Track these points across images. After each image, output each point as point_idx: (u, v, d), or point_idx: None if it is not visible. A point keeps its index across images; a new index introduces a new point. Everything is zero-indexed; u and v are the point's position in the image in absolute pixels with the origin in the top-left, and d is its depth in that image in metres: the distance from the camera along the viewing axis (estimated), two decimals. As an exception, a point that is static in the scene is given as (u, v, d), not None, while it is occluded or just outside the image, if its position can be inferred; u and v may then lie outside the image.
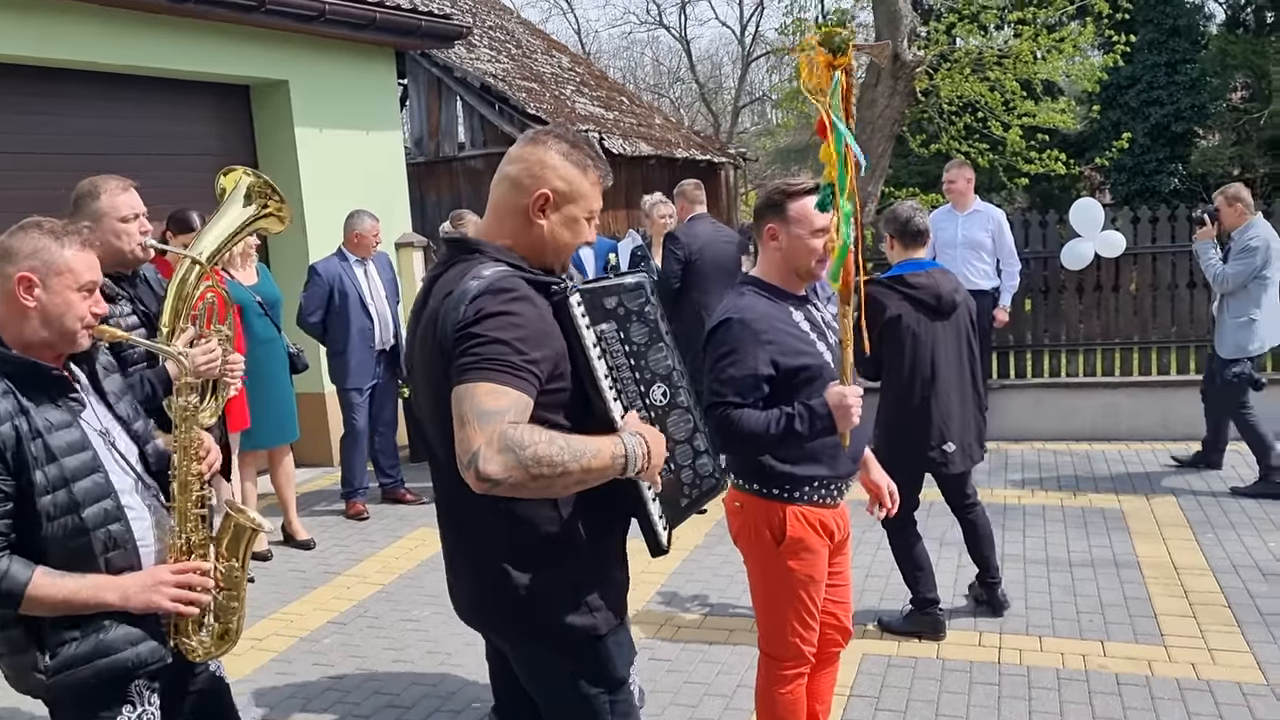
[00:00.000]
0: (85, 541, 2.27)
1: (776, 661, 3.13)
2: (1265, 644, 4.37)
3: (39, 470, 2.21)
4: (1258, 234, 6.34)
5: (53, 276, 2.29)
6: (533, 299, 2.11)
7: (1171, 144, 19.39)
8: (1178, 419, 7.40)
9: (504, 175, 2.26)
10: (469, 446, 1.95)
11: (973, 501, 4.82)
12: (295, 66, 8.12)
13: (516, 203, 2.23)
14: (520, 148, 2.27)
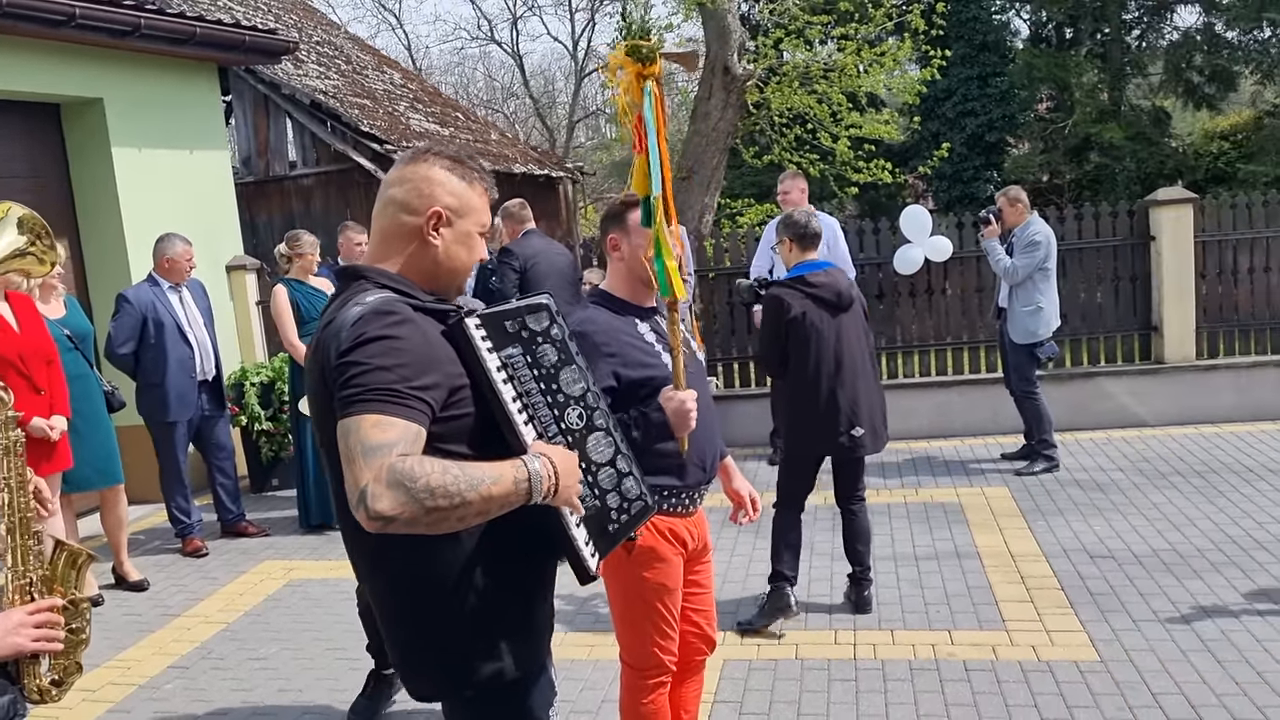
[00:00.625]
0: None
1: (638, 672, 3.12)
2: (1096, 623, 4.62)
3: None
4: (1039, 229, 7.01)
5: None
6: (417, 322, 1.98)
7: (986, 152, 20.43)
8: (1007, 414, 7.76)
9: (389, 199, 2.13)
10: (357, 484, 1.82)
11: (861, 495, 5.06)
12: (110, 83, 7.71)
13: (407, 224, 2.11)
14: (401, 169, 2.15)
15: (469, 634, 2.06)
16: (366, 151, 12.84)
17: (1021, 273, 6.94)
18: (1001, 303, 7.29)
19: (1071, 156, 21.53)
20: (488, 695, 2.10)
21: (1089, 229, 8.43)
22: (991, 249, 7.12)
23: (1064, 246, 8.30)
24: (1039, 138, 22.24)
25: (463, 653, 2.06)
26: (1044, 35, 22.71)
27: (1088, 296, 8.57)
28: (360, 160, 12.76)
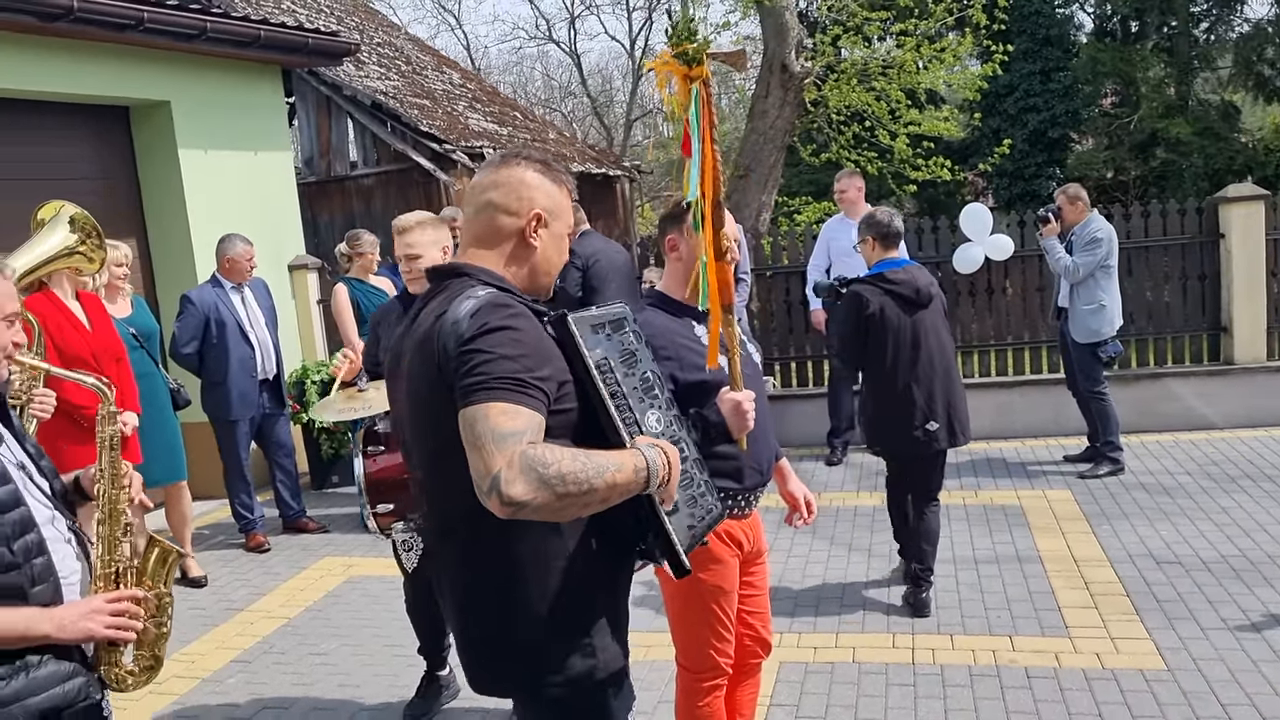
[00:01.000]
0: (15, 576, 2.18)
1: (694, 675, 3.11)
2: (1163, 630, 4.52)
3: None
4: (1100, 226, 6.90)
5: None
6: (530, 316, 2.02)
7: (1049, 149, 20.10)
8: (1070, 415, 7.63)
9: (486, 202, 2.17)
10: (488, 470, 1.84)
11: (936, 496, 5.08)
12: (177, 86, 7.87)
13: (507, 226, 2.16)
14: (493, 173, 2.18)
15: (564, 629, 2.07)
16: (426, 151, 12.97)
17: (1083, 270, 6.82)
18: (1061, 302, 7.15)
19: (1137, 153, 21.09)
20: (575, 693, 2.10)
21: (1155, 227, 8.25)
22: (1051, 247, 7.00)
23: (1130, 245, 8.14)
24: (1103, 133, 21.81)
25: (555, 648, 2.07)
26: (1109, 29, 22.26)
27: (1154, 296, 8.39)
28: (419, 160, 12.89)
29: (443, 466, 1.98)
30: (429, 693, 4.21)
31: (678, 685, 3.18)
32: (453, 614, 2.17)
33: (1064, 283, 7.07)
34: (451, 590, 2.16)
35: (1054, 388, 7.99)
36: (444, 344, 1.96)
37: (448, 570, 2.16)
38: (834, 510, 6.66)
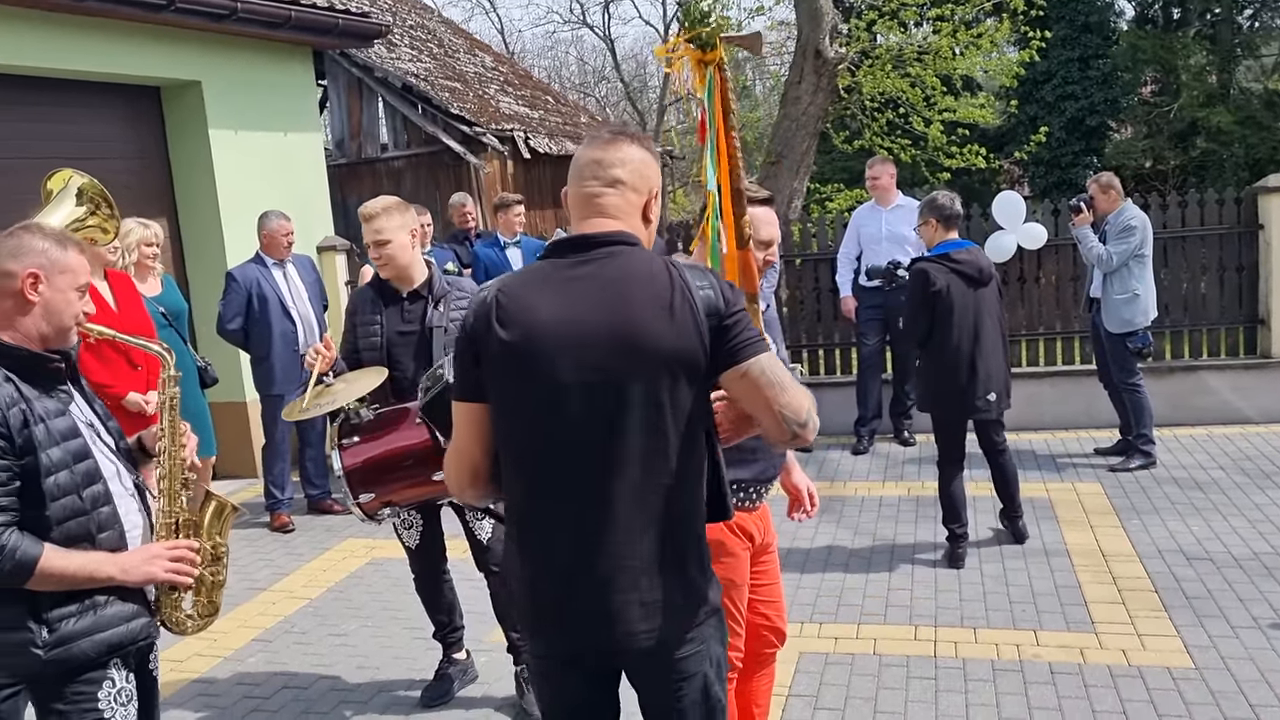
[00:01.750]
0: (85, 521, 2.41)
1: None
2: (1192, 628, 4.44)
3: (44, 452, 2.34)
4: (1134, 215, 6.78)
5: (56, 275, 2.45)
6: None
7: (1086, 137, 19.81)
8: (1101, 407, 7.52)
9: (613, 179, 2.22)
10: (801, 405, 2.12)
11: (1003, 447, 5.52)
12: (208, 67, 7.89)
13: (635, 204, 2.25)
14: (615, 149, 2.24)
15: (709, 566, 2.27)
16: (456, 134, 12.96)
17: (1116, 260, 6.70)
18: (1094, 293, 7.03)
19: (1177, 142, 20.75)
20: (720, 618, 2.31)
21: (1193, 217, 8.10)
22: (1083, 237, 6.87)
23: (1166, 235, 8.00)
24: (1142, 122, 21.47)
25: (709, 584, 2.26)
26: (1150, 15, 21.89)
27: (1191, 287, 8.24)
28: (450, 142, 12.88)
29: (686, 425, 2.14)
30: (446, 676, 4.21)
31: None
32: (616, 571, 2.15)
33: (1096, 273, 6.95)
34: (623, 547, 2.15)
35: (1086, 379, 7.87)
36: (714, 302, 2.13)
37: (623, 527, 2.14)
38: (859, 500, 6.61)
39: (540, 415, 2.11)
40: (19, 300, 2.43)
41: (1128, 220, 6.73)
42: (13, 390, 2.35)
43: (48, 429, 2.36)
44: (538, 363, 2.09)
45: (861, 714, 3.90)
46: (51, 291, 2.45)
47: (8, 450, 2.31)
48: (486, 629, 4.50)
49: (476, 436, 2.21)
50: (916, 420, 8.03)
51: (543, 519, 2.17)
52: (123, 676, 2.49)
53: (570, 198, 2.30)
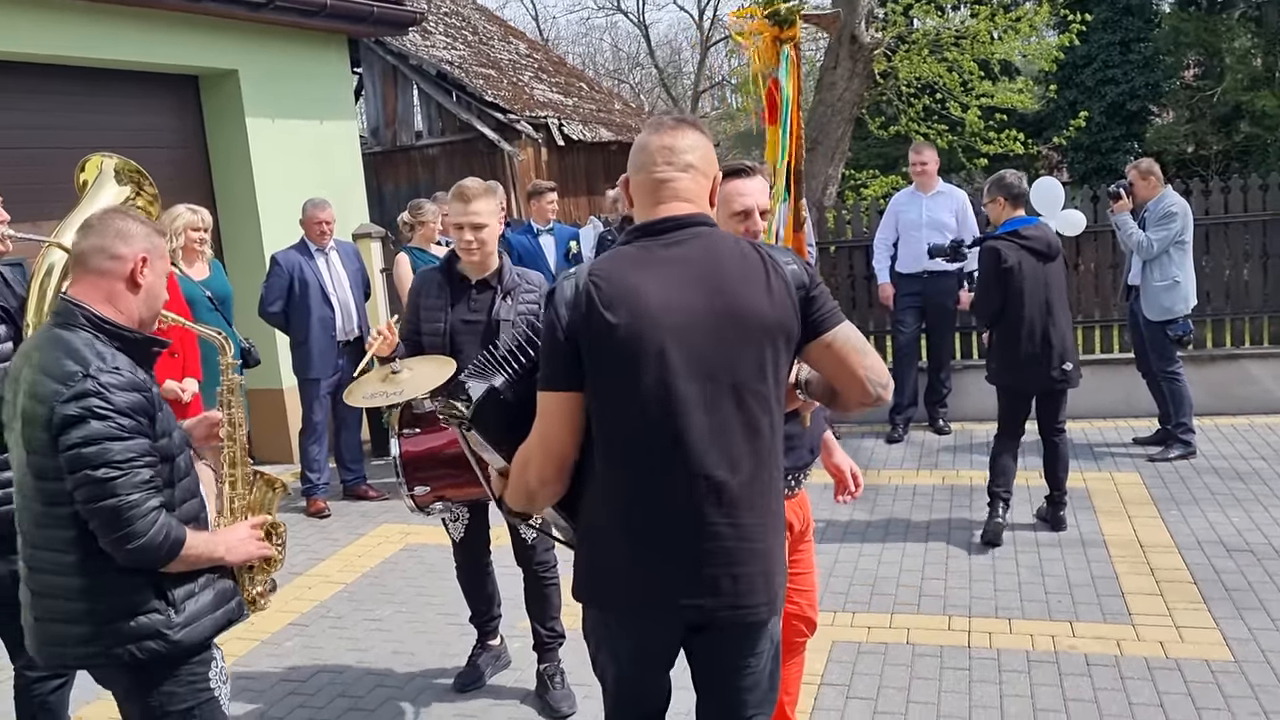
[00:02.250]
0: (196, 501, 2.51)
1: None
2: (1231, 620, 4.39)
3: (172, 434, 2.41)
4: (1174, 201, 6.69)
5: (157, 259, 2.49)
6: None
7: (1127, 122, 19.50)
8: (1140, 396, 7.43)
9: (686, 164, 2.28)
10: (882, 368, 2.30)
11: (1061, 427, 5.61)
12: (245, 55, 7.94)
13: (704, 187, 2.32)
14: (684, 135, 2.29)
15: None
16: (490, 121, 12.98)
17: (1157, 246, 6.61)
18: (1132, 280, 6.94)
19: (1220, 126, 20.38)
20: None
21: (1236, 203, 7.96)
22: (1123, 223, 6.76)
23: (1209, 221, 7.88)
24: (1185, 106, 21.10)
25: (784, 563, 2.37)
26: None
27: (1233, 274, 8.11)
28: (484, 130, 12.90)
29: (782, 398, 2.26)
30: (480, 662, 4.24)
31: None
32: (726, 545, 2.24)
33: (1135, 260, 6.86)
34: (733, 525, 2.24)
35: (1125, 367, 7.78)
36: (799, 276, 2.24)
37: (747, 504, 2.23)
38: (893, 489, 6.57)
39: (651, 395, 2.15)
40: (129, 283, 2.45)
41: (1168, 207, 6.64)
42: (143, 373, 2.40)
43: (165, 412, 2.41)
44: (648, 344, 2.14)
45: (894, 703, 3.88)
46: (154, 276, 2.49)
47: (152, 431, 2.34)
48: (520, 614, 4.52)
49: (570, 426, 2.22)
50: (952, 409, 7.98)
51: (646, 496, 2.20)
52: (221, 654, 2.56)
53: (637, 184, 2.31)
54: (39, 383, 2.34)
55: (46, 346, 2.40)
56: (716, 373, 2.15)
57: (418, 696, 4.18)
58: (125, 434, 2.29)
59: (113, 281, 2.45)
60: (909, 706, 3.86)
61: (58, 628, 2.40)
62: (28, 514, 2.41)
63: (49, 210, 5.47)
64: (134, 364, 2.39)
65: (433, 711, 4.04)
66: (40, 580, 2.41)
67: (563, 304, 2.18)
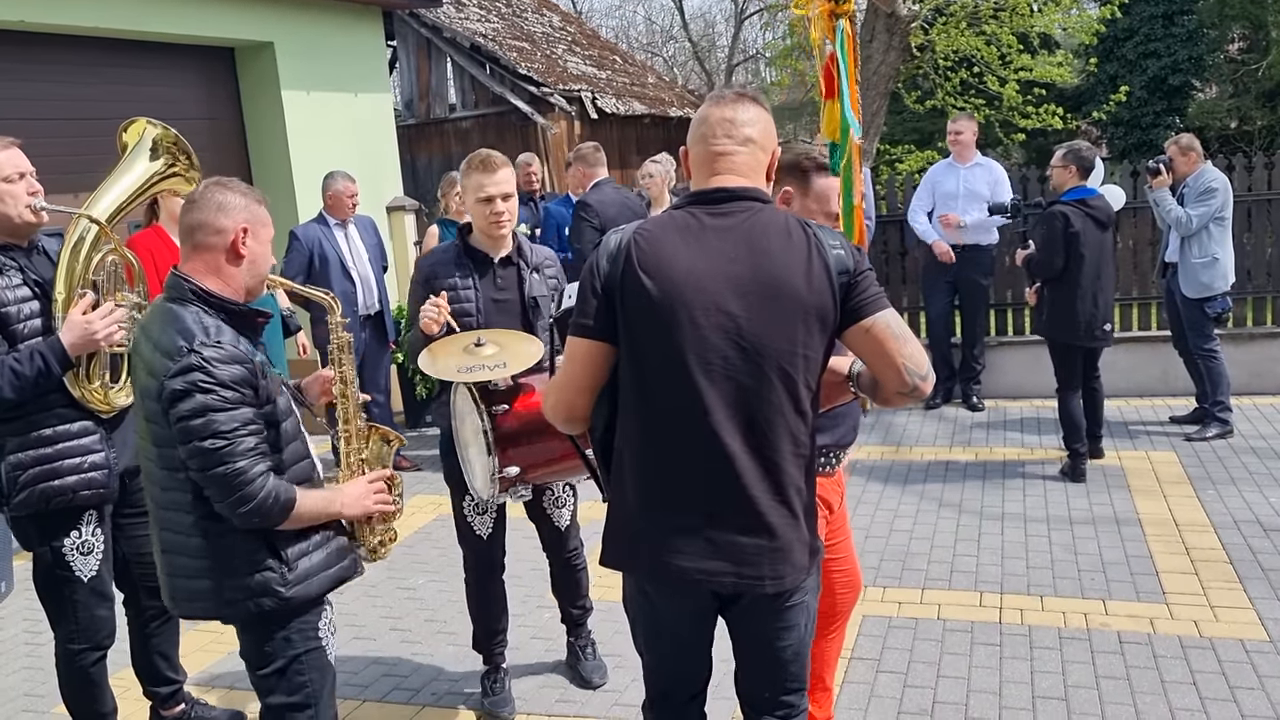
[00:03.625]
0: (308, 463, 2.63)
1: None
2: (1267, 600, 4.35)
3: (271, 403, 2.50)
4: (1215, 176, 6.62)
5: (259, 228, 2.58)
6: None
7: (1169, 97, 19.18)
8: (1177, 375, 7.35)
9: (745, 137, 2.28)
10: (922, 358, 2.24)
11: (1098, 374, 6.31)
12: (280, 28, 7.98)
13: (762, 162, 2.31)
14: (745, 108, 2.29)
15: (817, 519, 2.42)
16: (523, 94, 12.96)
17: (1196, 222, 6.52)
18: (1170, 257, 6.84)
19: (1264, 101, 20.00)
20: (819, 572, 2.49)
21: (1279, 179, 7.83)
22: (1162, 199, 6.67)
23: (1251, 197, 7.75)
24: (1228, 81, 20.72)
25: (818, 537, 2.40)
26: (1239, -31, 21.07)
27: (1275, 251, 7.98)
28: (517, 103, 12.89)
29: (814, 378, 2.26)
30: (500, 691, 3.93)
31: None
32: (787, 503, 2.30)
33: (1173, 237, 6.76)
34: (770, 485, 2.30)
35: (1162, 345, 7.68)
36: (843, 265, 2.22)
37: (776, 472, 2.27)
38: (925, 464, 6.55)
39: (679, 362, 2.17)
40: (232, 254, 2.55)
41: (1208, 182, 6.54)
42: (247, 343, 2.52)
43: (269, 379, 2.52)
44: (677, 309, 2.16)
45: (924, 678, 3.88)
46: (256, 245, 2.58)
47: (256, 399, 2.46)
48: (547, 587, 4.56)
49: (591, 375, 2.28)
50: (986, 385, 7.92)
51: (674, 465, 2.23)
52: (331, 607, 2.69)
53: (695, 155, 2.32)
54: (152, 357, 2.47)
55: (159, 321, 2.51)
56: (744, 345, 2.16)
57: (450, 665, 4.22)
58: (229, 405, 2.40)
59: (216, 255, 2.54)
60: (939, 681, 3.86)
61: (183, 582, 2.56)
62: (153, 478, 2.56)
63: (86, 181, 5.50)
64: (238, 335, 2.50)
65: (465, 680, 4.08)
66: (167, 539, 2.57)
67: (605, 256, 2.22)
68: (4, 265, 3.06)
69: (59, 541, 3.18)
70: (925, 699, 3.74)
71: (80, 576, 3.22)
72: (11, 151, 3.08)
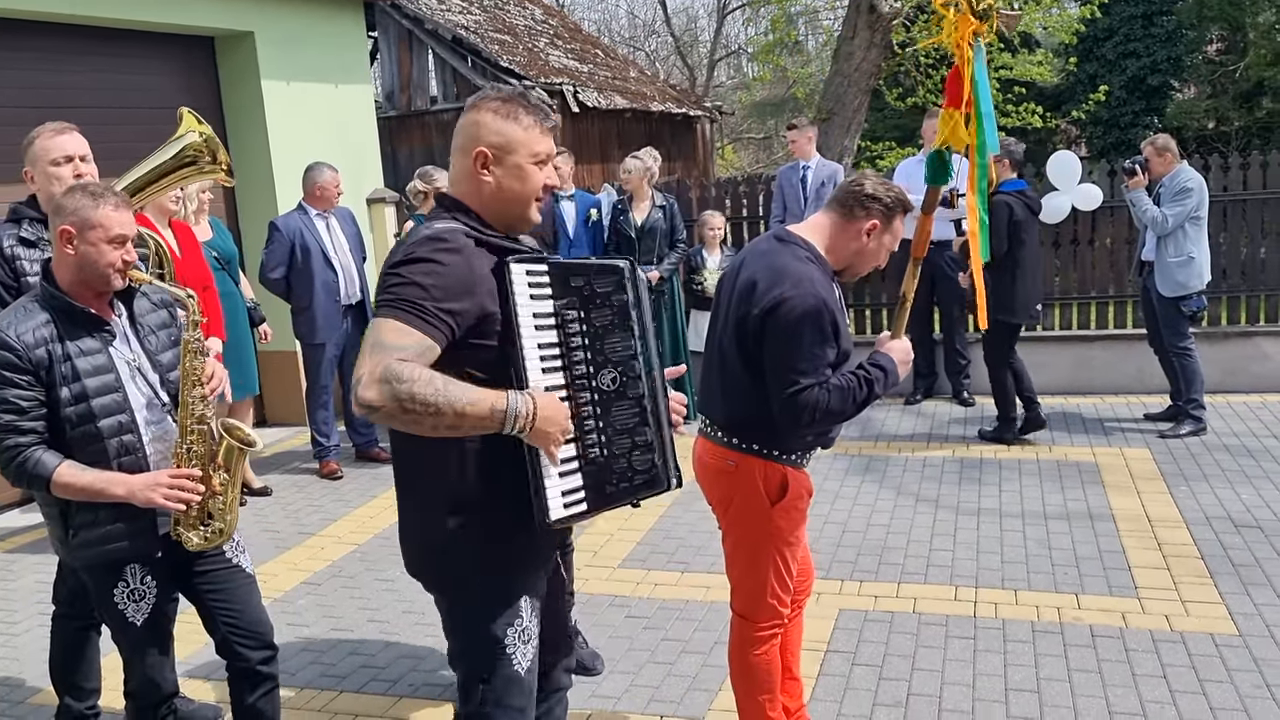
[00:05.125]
0: (100, 446, 2.78)
1: (752, 624, 3.11)
2: (1237, 595, 4.40)
3: (64, 387, 2.75)
4: (1190, 176, 6.66)
5: (87, 230, 2.77)
6: (465, 252, 2.20)
7: (1147, 97, 19.32)
8: (1153, 372, 7.42)
9: (453, 148, 2.37)
10: (358, 372, 2.11)
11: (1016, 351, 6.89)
12: (261, 17, 7.93)
13: (465, 167, 2.32)
14: (461, 118, 2.37)
15: (463, 539, 2.41)
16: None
17: (1172, 222, 6.57)
18: (1146, 256, 6.90)
19: (1241, 102, 20.17)
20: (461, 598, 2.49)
21: (1255, 179, 7.91)
22: (1138, 200, 6.72)
23: (1227, 197, 7.83)
24: (1206, 81, 20.88)
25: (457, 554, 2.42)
26: (1218, -29, 21.22)
27: (1250, 251, 8.07)
28: (499, 96, 12.83)
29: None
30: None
31: (733, 635, 3.17)
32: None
33: (1149, 236, 6.82)
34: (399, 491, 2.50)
35: (1138, 343, 7.75)
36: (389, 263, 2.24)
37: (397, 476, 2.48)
38: (903, 460, 6.59)
39: None
40: (60, 254, 2.82)
41: (1184, 182, 6.60)
42: (50, 331, 2.77)
43: (74, 367, 2.75)
44: None
45: (899, 671, 3.92)
46: (84, 245, 2.78)
47: (34, 383, 2.73)
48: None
49: None
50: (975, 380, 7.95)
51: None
52: (137, 580, 2.90)
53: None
54: None
55: None
56: None
57: (428, 656, 4.23)
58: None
59: (59, 250, 2.83)
60: (914, 673, 3.89)
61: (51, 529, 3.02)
62: None
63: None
64: (49, 324, 2.77)
65: (442, 671, 4.09)
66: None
67: None
68: (40, 241, 3.46)
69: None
70: (900, 691, 3.78)
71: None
72: (65, 136, 3.43)
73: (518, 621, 2.38)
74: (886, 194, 2.93)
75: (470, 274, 2.19)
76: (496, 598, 2.37)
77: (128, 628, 2.92)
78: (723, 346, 3.03)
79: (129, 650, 2.98)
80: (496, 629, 2.36)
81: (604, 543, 5.37)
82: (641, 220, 7.51)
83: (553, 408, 2.18)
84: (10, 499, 6.44)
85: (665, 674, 3.99)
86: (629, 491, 2.34)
